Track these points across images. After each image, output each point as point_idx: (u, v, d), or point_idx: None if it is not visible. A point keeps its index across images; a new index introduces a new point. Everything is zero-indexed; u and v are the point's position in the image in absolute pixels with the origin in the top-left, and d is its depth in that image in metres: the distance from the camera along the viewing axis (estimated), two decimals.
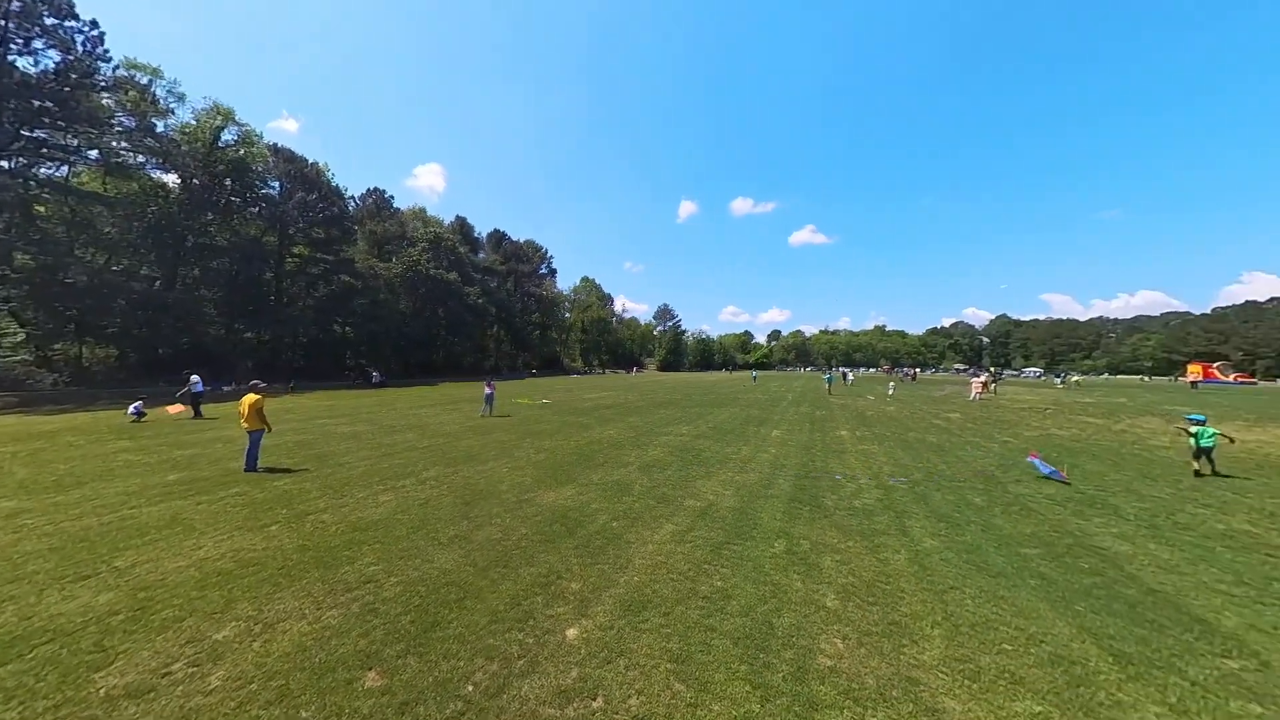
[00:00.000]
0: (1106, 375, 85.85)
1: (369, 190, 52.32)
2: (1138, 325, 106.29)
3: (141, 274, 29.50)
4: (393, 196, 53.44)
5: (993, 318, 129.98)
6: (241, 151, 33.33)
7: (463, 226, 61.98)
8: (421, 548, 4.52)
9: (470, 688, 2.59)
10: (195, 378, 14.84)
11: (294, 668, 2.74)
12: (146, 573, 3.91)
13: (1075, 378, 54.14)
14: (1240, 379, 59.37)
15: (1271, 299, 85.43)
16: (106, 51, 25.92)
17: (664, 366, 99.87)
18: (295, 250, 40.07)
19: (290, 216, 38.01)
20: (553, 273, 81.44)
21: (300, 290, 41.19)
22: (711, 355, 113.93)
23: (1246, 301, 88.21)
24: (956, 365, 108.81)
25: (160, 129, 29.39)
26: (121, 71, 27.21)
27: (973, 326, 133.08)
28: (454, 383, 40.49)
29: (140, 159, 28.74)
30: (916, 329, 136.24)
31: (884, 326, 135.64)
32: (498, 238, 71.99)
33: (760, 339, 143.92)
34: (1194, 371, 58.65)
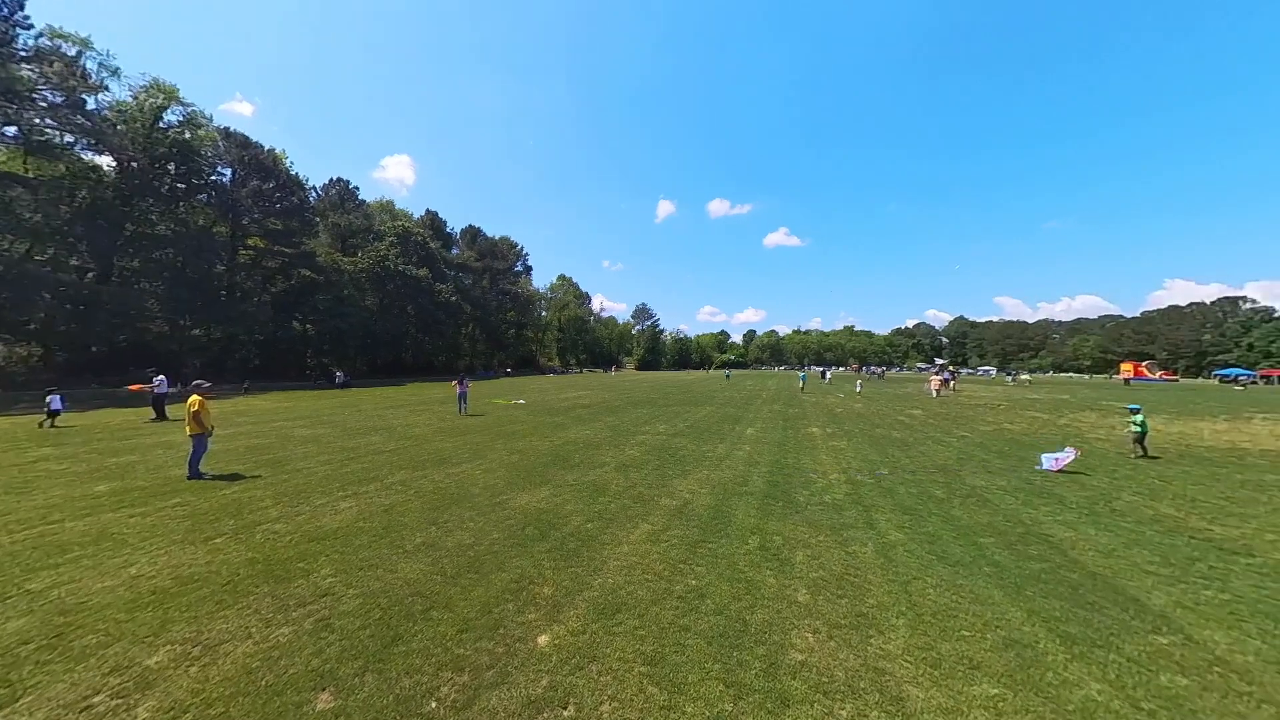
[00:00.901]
0: (1052, 373, 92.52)
1: (332, 181, 49.70)
2: (1078, 327, 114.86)
3: (71, 265, 26.91)
4: (358, 188, 51.02)
5: (951, 319, 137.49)
6: (187, 134, 30.92)
7: (434, 221, 59.88)
8: (385, 557, 4.30)
9: (434, 704, 2.47)
10: (160, 377, 13.77)
11: (236, 693, 2.53)
12: (66, 595, 3.54)
13: (1024, 376, 58.32)
14: (1165, 376, 65.64)
15: (1191, 304, 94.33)
16: (27, 17, 23.48)
17: (642, 366, 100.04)
18: (250, 242, 37.57)
19: (244, 206, 35.62)
20: (528, 270, 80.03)
21: (256, 285, 38.70)
22: (689, 354, 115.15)
23: (1169, 306, 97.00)
24: (919, 364, 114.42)
25: (91, 106, 26.86)
26: (45, 41, 24.66)
27: (934, 327, 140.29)
28: (425, 383, 39.12)
29: (68, 138, 26.16)
30: (883, 329, 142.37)
31: (853, 327, 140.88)
32: (472, 234, 70.04)
33: (737, 338, 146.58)
34: (1126, 370, 64.06)
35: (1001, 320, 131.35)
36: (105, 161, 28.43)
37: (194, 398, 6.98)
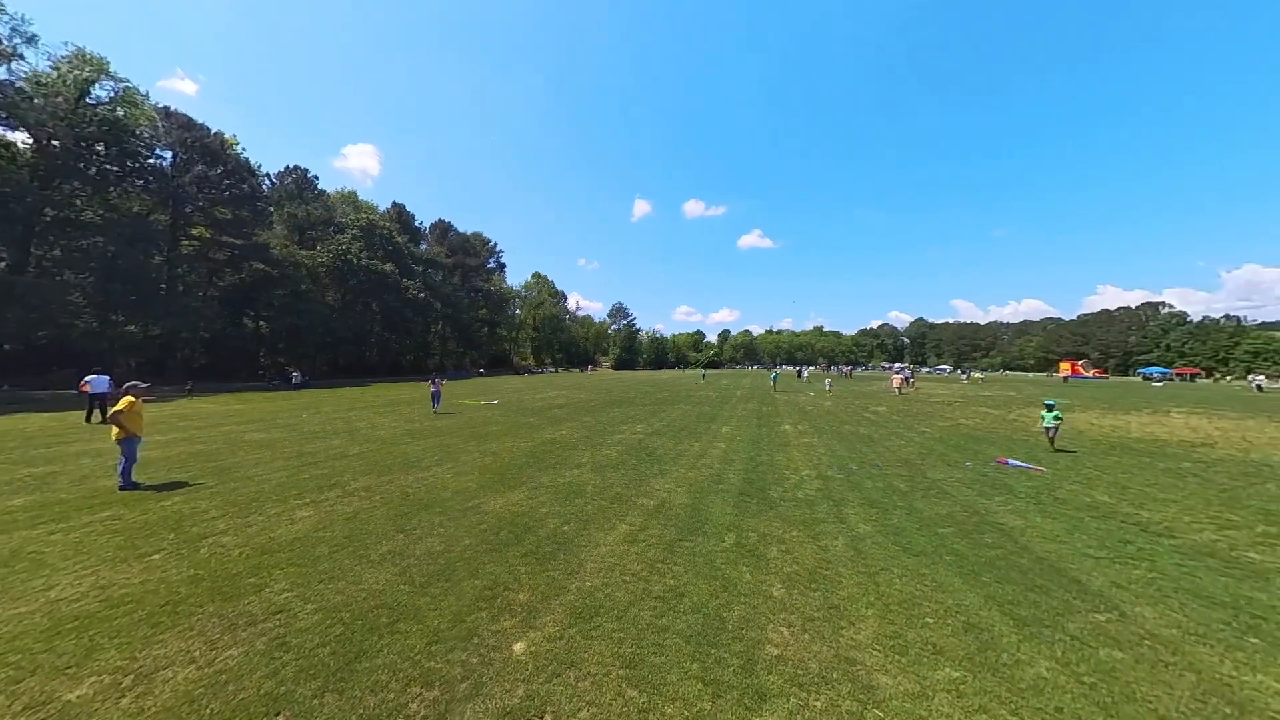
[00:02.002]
0: (1001, 371, 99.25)
1: (288, 168, 46.78)
2: (1024, 329, 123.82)
3: None
4: (317, 177, 48.26)
5: (912, 320, 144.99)
6: (120, 112, 28.26)
7: (401, 215, 57.46)
8: (347, 567, 4.07)
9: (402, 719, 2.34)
10: (99, 377, 12.52)
11: (183, 715, 2.31)
12: None
13: (976, 374, 62.52)
14: (1097, 374, 72.14)
15: (1119, 308, 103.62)
16: None
17: (618, 365, 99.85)
18: (194, 232, 34.78)
19: (186, 193, 32.93)
20: (502, 267, 78.29)
21: (201, 278, 35.90)
22: (665, 354, 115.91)
23: (1101, 310, 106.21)
24: (883, 363, 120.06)
25: (3, 76, 24.07)
26: None
27: (896, 328, 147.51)
28: (391, 383, 37.47)
29: None
30: (850, 330, 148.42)
31: (821, 327, 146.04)
32: (442, 228, 67.70)
33: (712, 338, 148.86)
34: (1065, 368, 69.70)
35: (957, 322, 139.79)
36: (20, 138, 25.54)
37: (126, 398, 6.37)
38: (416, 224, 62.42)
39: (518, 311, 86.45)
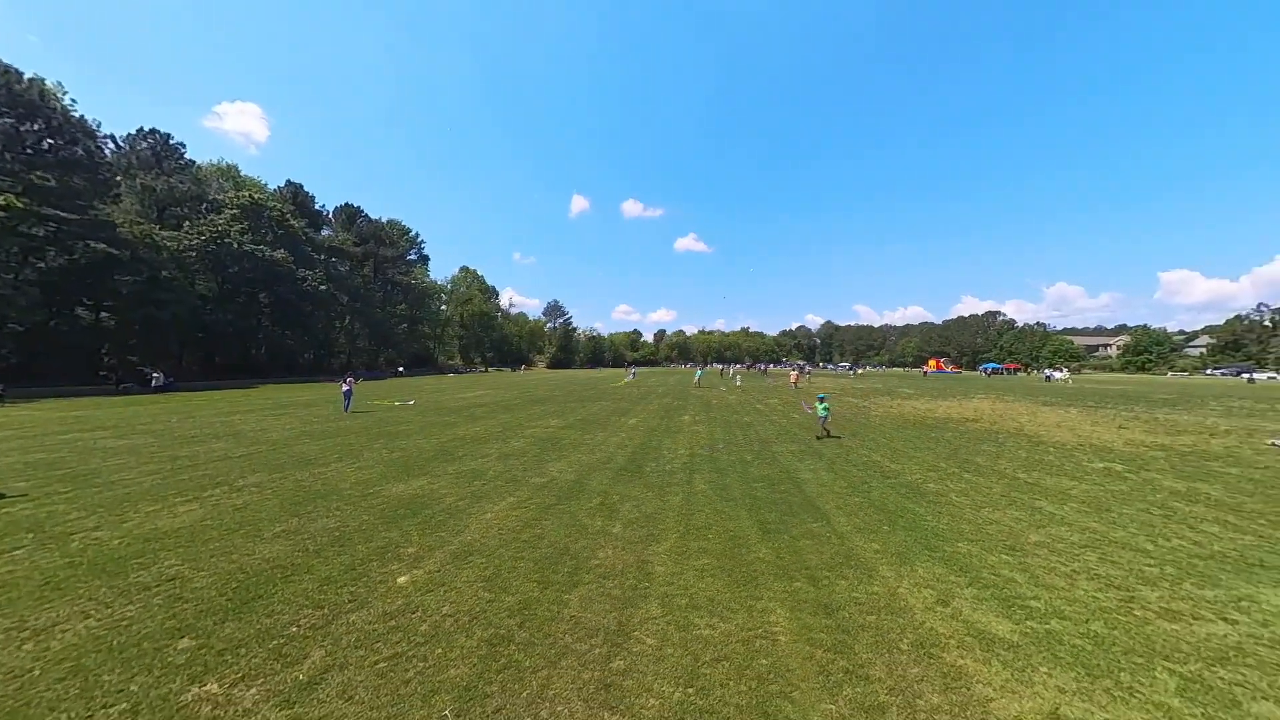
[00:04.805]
0: (887, 367, 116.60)
1: (142, 132, 39.25)
2: (906, 331, 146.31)
3: None
4: (184, 145, 41.05)
5: (823, 323, 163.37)
6: None
7: (297, 195, 51.02)
8: (240, 544, 4.57)
9: (295, 628, 3.17)
10: None
11: (87, 651, 2.89)
12: None
13: (859, 370, 74.55)
14: (954, 369, 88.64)
15: (971, 315, 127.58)
16: None
17: (554, 364, 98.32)
18: None
19: None
20: (424, 260, 72.90)
21: (11, 259, 28.87)
22: (603, 353, 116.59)
23: (958, 317, 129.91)
24: (798, 360, 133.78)
25: None
26: None
27: (810, 329, 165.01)
28: (285, 385, 33.54)
29: None
30: (773, 331, 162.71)
31: (748, 329, 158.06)
32: (350, 213, 61.20)
33: (649, 337, 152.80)
34: (930, 365, 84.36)
35: (857, 325, 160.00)
36: None
37: None
38: (318, 206, 55.75)
39: (443, 308, 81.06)
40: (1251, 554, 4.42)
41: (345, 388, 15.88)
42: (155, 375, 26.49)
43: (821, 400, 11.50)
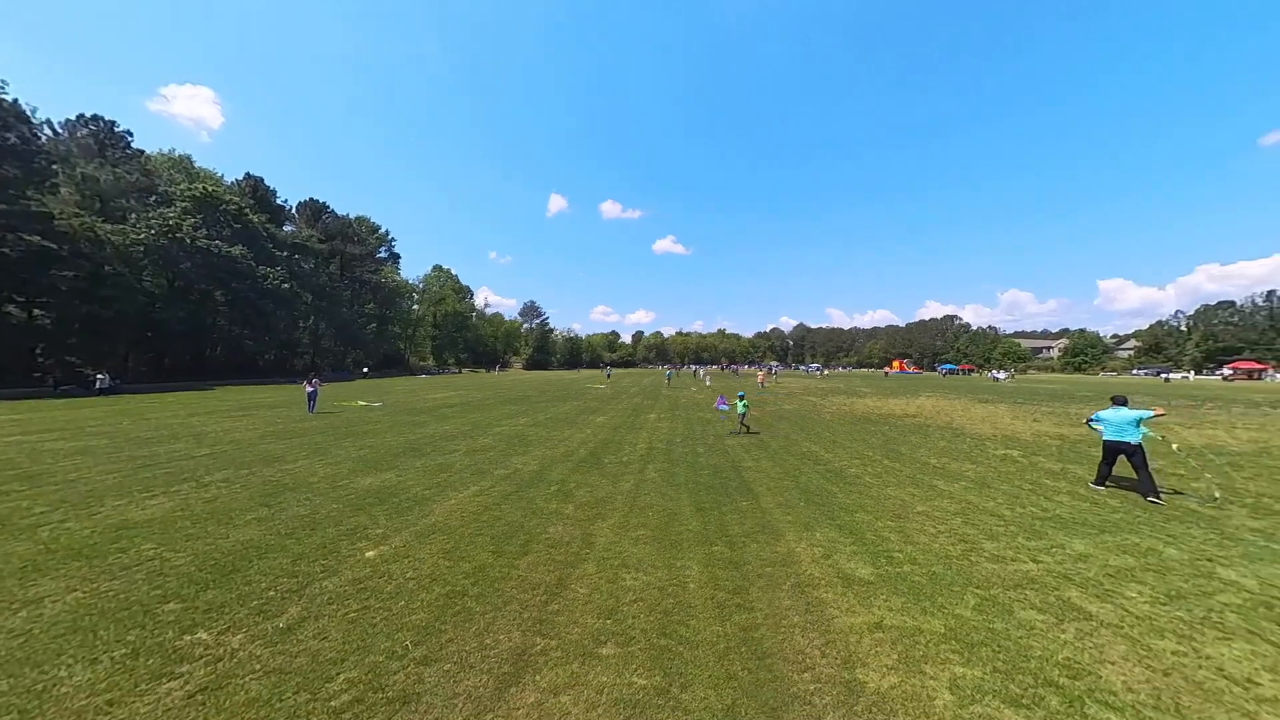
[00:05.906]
0: (853, 368, 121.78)
1: (83, 118, 36.83)
2: (873, 334, 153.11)
3: None
4: (129, 133, 38.76)
5: (796, 325, 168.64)
6: None
7: (257, 189, 48.86)
8: (213, 531, 4.92)
9: (273, 593, 3.64)
10: None
11: (81, 615, 3.28)
12: None
13: (826, 371, 77.92)
14: (914, 370, 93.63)
15: (931, 319, 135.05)
16: None
17: (531, 365, 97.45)
18: None
19: None
20: (395, 258, 70.98)
21: None
22: (580, 354, 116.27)
23: (919, 320, 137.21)
24: (770, 362, 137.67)
25: None
26: None
27: (784, 331, 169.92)
28: (244, 385, 32.25)
29: None
30: (748, 333, 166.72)
31: (724, 330, 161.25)
32: (315, 209, 59.00)
33: (627, 338, 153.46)
34: (895, 366, 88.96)
35: (829, 327, 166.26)
36: None
37: None
38: (280, 201, 53.45)
39: (415, 307, 79.04)
40: (1081, 516, 5.50)
41: (310, 389, 15.82)
42: (99, 376, 25.05)
43: (741, 398, 12.28)
